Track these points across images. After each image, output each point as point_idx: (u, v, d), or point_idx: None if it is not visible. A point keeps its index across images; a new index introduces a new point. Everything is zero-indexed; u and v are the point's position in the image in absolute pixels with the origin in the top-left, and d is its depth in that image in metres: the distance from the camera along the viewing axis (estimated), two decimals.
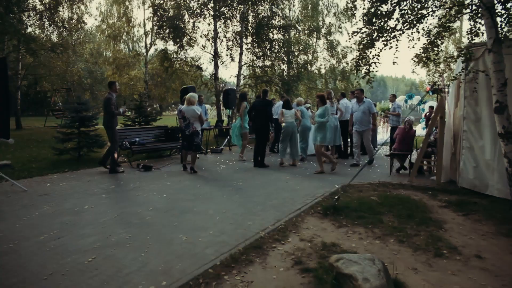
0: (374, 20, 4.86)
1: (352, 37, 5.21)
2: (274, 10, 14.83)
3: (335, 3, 19.72)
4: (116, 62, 21.22)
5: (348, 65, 19.21)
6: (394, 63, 5.09)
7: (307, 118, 9.04)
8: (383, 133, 15.39)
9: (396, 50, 5.04)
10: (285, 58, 16.47)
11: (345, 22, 19.56)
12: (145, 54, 20.93)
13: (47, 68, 18.97)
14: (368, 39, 5.00)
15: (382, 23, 4.91)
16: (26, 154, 9.57)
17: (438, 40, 5.28)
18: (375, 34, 5.15)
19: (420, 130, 14.85)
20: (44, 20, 17.91)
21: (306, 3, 18.66)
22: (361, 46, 5.17)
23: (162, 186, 6.20)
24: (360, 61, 5.26)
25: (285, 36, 15.79)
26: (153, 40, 19.68)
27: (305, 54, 18.72)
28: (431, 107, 15.71)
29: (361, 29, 5.10)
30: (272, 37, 15.19)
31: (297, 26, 15.89)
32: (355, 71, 5.37)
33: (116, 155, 7.50)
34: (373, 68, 5.17)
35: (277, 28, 15.15)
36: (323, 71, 19.76)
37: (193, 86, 10.86)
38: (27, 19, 17.52)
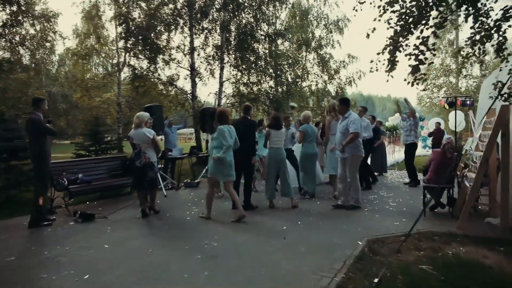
0: None
1: (385, 12, 3.33)
2: (258, 17, 13.02)
3: (325, 14, 17.97)
4: (85, 83, 19.11)
5: (342, 81, 17.54)
6: (461, 49, 3.19)
7: (311, 142, 6.91)
8: (389, 154, 13.45)
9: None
10: (273, 73, 14.61)
11: (337, 33, 18.03)
12: (117, 74, 18.90)
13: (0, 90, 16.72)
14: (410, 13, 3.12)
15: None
16: None
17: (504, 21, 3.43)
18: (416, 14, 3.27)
19: (419, 149, 12.92)
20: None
21: (294, 12, 17.09)
22: (397, 28, 3.28)
23: (92, 254, 4.00)
24: (395, 53, 3.35)
25: (272, 46, 13.97)
26: (126, 57, 17.73)
27: (293, 70, 16.98)
28: (438, 123, 14.06)
29: None
30: (258, 48, 13.35)
31: (285, 33, 14.06)
32: (388, 67, 3.44)
33: (41, 200, 5.31)
34: (424, 58, 3.26)
35: (263, 37, 13.32)
36: (313, 87, 17.97)
37: (159, 104, 8.77)
38: None
